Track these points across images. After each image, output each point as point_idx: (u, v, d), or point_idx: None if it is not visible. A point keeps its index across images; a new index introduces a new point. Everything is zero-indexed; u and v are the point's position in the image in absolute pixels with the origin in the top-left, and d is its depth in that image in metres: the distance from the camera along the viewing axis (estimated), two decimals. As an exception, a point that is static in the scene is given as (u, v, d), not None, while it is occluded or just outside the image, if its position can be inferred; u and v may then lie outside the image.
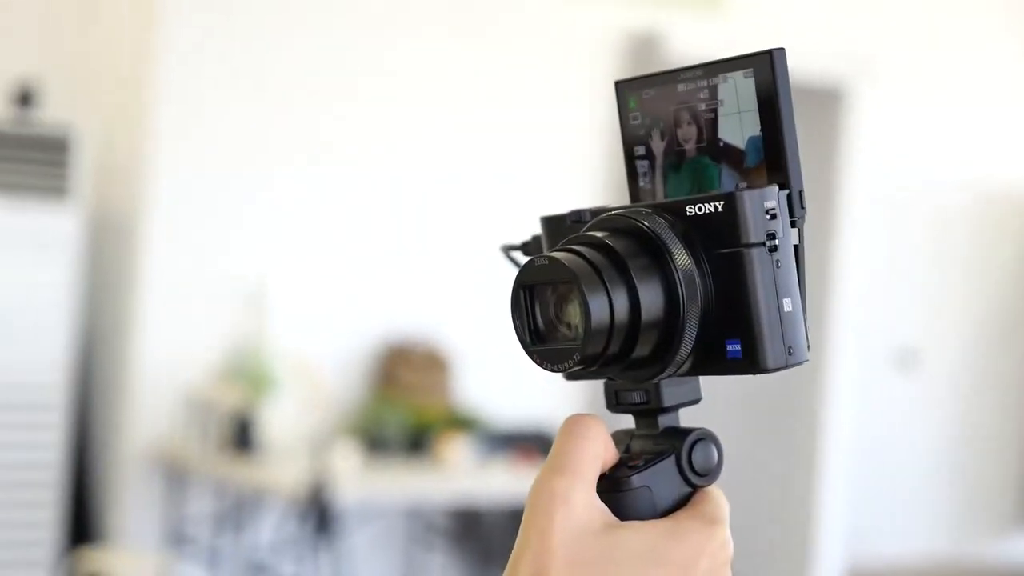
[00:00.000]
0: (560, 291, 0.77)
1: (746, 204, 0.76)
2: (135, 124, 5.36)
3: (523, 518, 0.76)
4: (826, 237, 6.64)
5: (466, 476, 5.29)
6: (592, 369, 0.77)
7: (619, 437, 0.82)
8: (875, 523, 7.00)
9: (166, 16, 5.26)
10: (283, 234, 5.46)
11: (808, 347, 0.78)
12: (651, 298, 0.76)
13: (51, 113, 5.18)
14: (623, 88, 0.84)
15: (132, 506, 5.28)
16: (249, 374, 5.19)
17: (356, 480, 4.94)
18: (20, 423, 4.99)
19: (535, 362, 0.78)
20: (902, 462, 7.10)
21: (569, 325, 0.77)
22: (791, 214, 0.78)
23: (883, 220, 6.92)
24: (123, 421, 5.30)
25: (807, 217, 0.79)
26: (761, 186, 0.77)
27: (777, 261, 0.76)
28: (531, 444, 5.70)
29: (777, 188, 0.77)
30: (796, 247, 0.78)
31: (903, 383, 7.07)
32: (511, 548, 0.77)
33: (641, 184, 0.84)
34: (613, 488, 0.77)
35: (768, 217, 0.76)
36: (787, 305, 0.77)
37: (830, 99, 6.66)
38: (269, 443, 5.11)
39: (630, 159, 0.85)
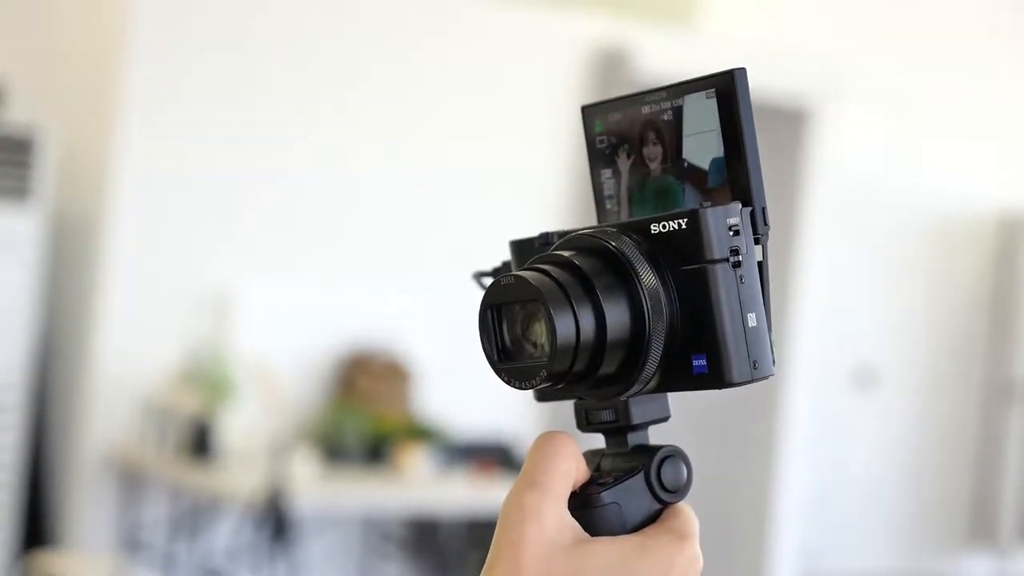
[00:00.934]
0: (527, 310, 0.78)
1: (709, 221, 0.77)
2: (100, 126, 5.34)
3: (495, 533, 0.77)
4: (787, 254, 6.68)
5: (424, 486, 5.29)
6: (559, 387, 0.79)
7: (589, 457, 0.83)
8: (829, 539, 7.04)
9: (132, 17, 5.24)
10: (246, 240, 5.45)
11: (773, 361, 0.80)
12: (617, 316, 0.77)
13: (15, 114, 5.15)
14: (589, 112, 0.85)
15: (87, 510, 5.25)
16: (209, 379, 5.17)
17: (314, 488, 4.94)
18: (-24, 424, 4.96)
19: (503, 380, 0.79)
20: (857, 478, 7.14)
21: (535, 344, 0.78)
22: (755, 231, 0.79)
23: (843, 238, 6.97)
24: (80, 424, 5.27)
25: (770, 234, 0.80)
26: (724, 202, 0.79)
27: (741, 277, 0.78)
28: (490, 456, 5.70)
29: (740, 205, 0.79)
30: (760, 263, 0.79)
31: (860, 400, 7.11)
32: (468, 559, 0.78)
33: (608, 206, 0.85)
34: (583, 505, 0.78)
35: (731, 233, 0.78)
36: (751, 320, 0.78)
37: (794, 118, 6.70)
38: (227, 449, 5.10)
39: (597, 181, 0.86)
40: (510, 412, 6.06)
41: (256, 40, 5.46)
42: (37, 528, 5.28)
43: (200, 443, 5.06)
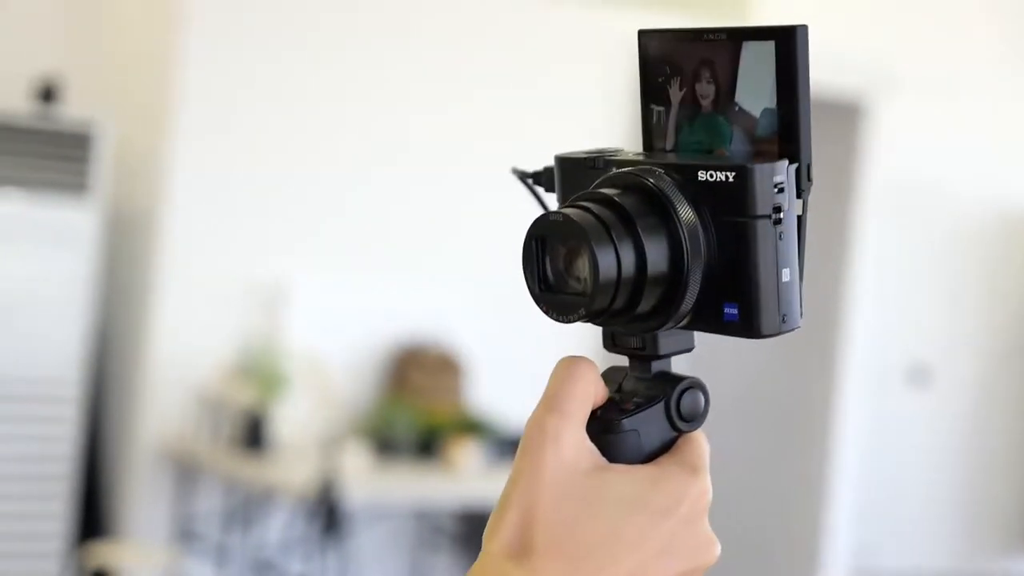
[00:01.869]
0: (570, 245, 0.80)
1: (756, 178, 0.79)
2: (155, 121, 5.40)
3: (516, 455, 0.78)
4: (841, 251, 6.65)
5: (474, 479, 5.31)
6: (598, 321, 0.81)
7: (612, 375, 0.84)
8: (881, 538, 7.00)
9: (188, 14, 5.30)
10: (300, 234, 5.49)
11: (801, 314, 0.81)
12: (657, 254, 0.79)
13: (73, 109, 5.22)
14: (646, 38, 0.86)
15: (142, 501, 5.31)
16: (262, 373, 5.22)
17: (365, 481, 4.97)
18: (34, 416, 5.03)
19: (542, 310, 0.81)
20: (910, 478, 7.11)
21: (578, 278, 0.79)
22: (798, 186, 0.81)
23: (899, 235, 6.93)
24: (136, 416, 5.33)
25: (822, 228, 0.82)
26: (771, 155, 0.81)
27: (780, 233, 0.80)
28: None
29: (787, 162, 0.80)
30: (800, 218, 0.81)
31: (915, 398, 7.08)
32: None
33: (655, 135, 0.86)
34: (603, 430, 0.80)
35: (776, 191, 0.79)
36: (785, 275, 0.80)
37: (849, 113, 6.68)
38: (280, 442, 5.15)
39: (646, 108, 0.87)
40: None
41: (310, 37, 5.50)
42: (93, 519, 5.34)
43: (253, 436, 5.10)
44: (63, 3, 5.55)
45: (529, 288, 0.81)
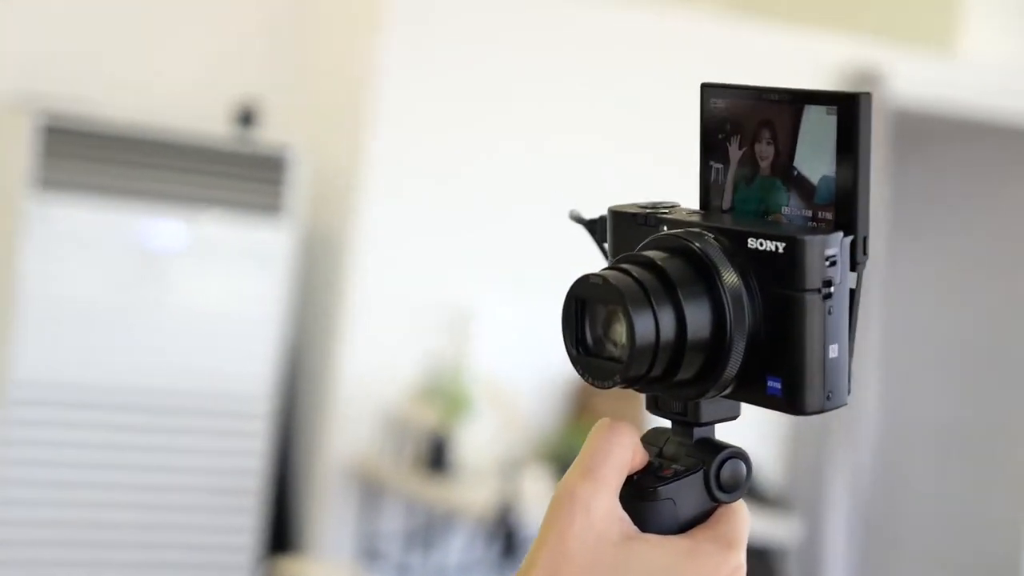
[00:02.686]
0: (609, 309, 0.79)
1: (807, 250, 0.77)
2: (351, 147, 5.50)
3: (544, 518, 0.78)
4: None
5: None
6: (636, 387, 0.79)
7: (654, 437, 0.83)
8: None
9: (385, 42, 5.39)
10: (487, 259, 5.54)
11: (849, 391, 0.79)
12: (698, 320, 0.77)
13: (270, 133, 5.35)
14: (709, 93, 0.85)
15: (329, 518, 5.41)
16: (446, 395, 5.27)
17: (545, 506, 4.97)
18: (227, 431, 5.16)
19: (579, 373, 0.80)
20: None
21: (615, 343, 0.78)
22: (853, 259, 0.78)
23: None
24: (324, 434, 5.43)
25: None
26: (827, 226, 0.78)
27: (830, 308, 0.77)
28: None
29: (841, 235, 0.78)
30: (852, 291, 0.79)
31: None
32: None
33: (712, 193, 0.85)
34: (639, 496, 0.79)
35: (827, 264, 0.77)
36: (833, 352, 0.78)
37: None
38: (462, 464, 5.19)
39: (705, 164, 0.85)
40: (751, 437, 6.00)
41: (502, 64, 5.55)
42: (281, 534, 5.46)
43: (437, 457, 5.16)
44: (264, 30, 5.70)
45: (567, 350, 0.80)
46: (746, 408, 0.84)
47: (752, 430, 5.83)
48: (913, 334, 7.16)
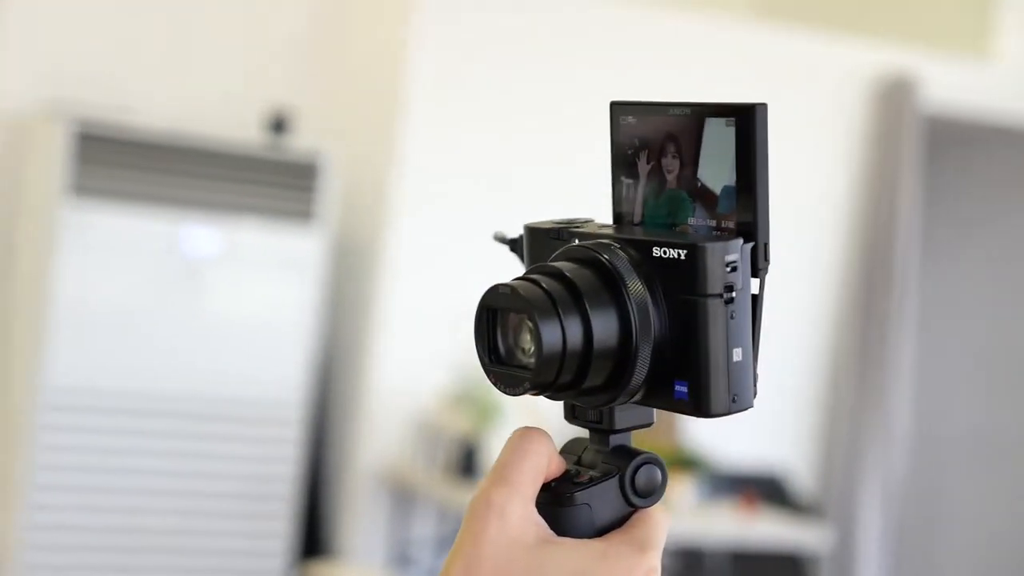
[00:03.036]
0: (519, 317, 0.80)
1: (708, 256, 0.79)
2: (382, 154, 5.52)
3: (461, 526, 0.78)
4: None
5: (690, 517, 5.27)
6: (547, 394, 0.80)
7: (573, 446, 0.85)
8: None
9: (416, 51, 5.41)
10: (517, 268, 5.53)
11: (755, 394, 0.80)
12: (604, 329, 0.79)
13: (303, 140, 5.37)
14: (617, 111, 0.87)
15: (361, 524, 5.42)
16: (477, 402, 5.28)
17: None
18: (259, 437, 5.18)
19: (491, 381, 0.81)
20: None
21: (524, 351, 0.80)
22: (755, 266, 0.80)
23: None
24: (355, 440, 5.45)
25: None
26: (729, 233, 0.80)
27: (732, 312, 0.79)
28: (757, 488, 5.64)
29: (741, 242, 0.80)
30: (755, 297, 0.80)
31: None
32: None
33: (623, 207, 0.86)
34: (555, 502, 0.80)
35: (728, 270, 0.79)
36: (737, 355, 0.79)
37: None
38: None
39: (616, 176, 0.87)
40: (783, 444, 5.99)
41: (534, 70, 5.55)
42: (314, 539, 5.47)
43: (468, 463, 5.17)
44: (296, 38, 5.72)
45: (480, 359, 0.81)
46: (778, 417, 0.85)
47: (784, 437, 5.82)
48: (946, 339, 7.13)
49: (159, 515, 5.05)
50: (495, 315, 0.82)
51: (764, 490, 5.73)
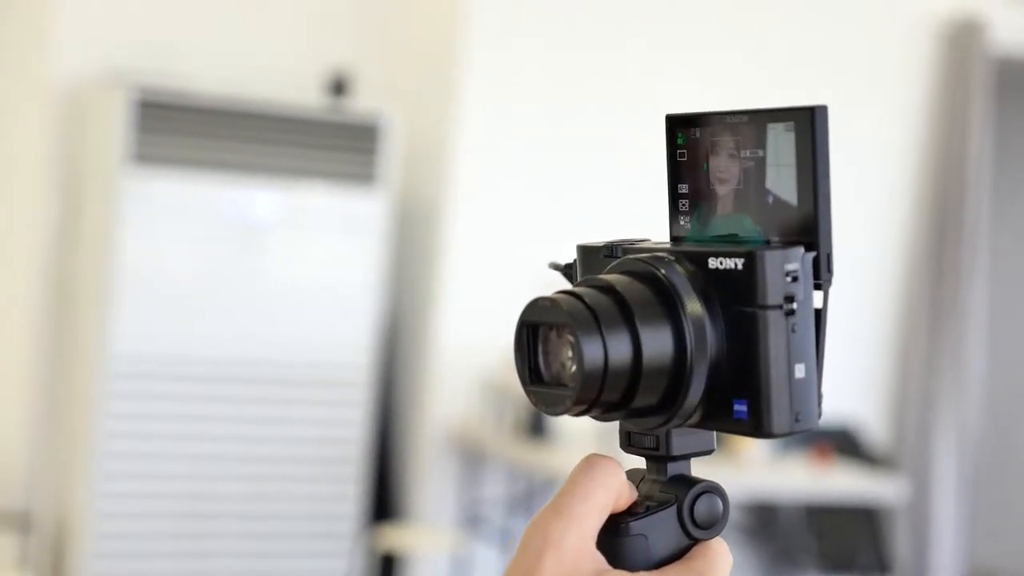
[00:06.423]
0: (561, 334, 0.76)
1: (766, 265, 0.74)
2: (443, 112, 5.48)
3: (515, 552, 0.75)
4: None
5: (762, 471, 5.22)
6: (593, 414, 0.76)
7: (630, 476, 0.80)
8: None
9: (476, 9, 5.35)
10: (583, 222, 5.49)
11: (820, 414, 0.76)
12: (656, 346, 0.75)
13: (363, 101, 5.34)
14: (673, 122, 0.83)
15: (430, 486, 5.41)
16: (545, 360, 5.23)
17: (646, 470, 4.93)
18: (326, 400, 5.17)
19: (532, 402, 0.78)
20: None
21: (566, 368, 0.76)
22: (816, 277, 0.75)
23: None
24: (423, 402, 5.43)
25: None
26: (789, 242, 0.76)
27: (793, 325, 0.74)
28: (830, 441, 5.58)
29: (802, 250, 0.75)
30: (819, 311, 0.76)
31: None
32: (807, 545, 0.75)
33: (681, 220, 0.83)
34: (610, 531, 0.76)
35: (788, 280, 0.74)
36: (799, 371, 0.75)
37: None
38: (561, 429, 5.16)
39: (673, 192, 0.83)
40: (856, 396, 5.92)
41: (596, 18, 5.49)
42: (384, 502, 5.47)
43: (535, 423, 5.14)
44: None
45: (520, 377, 0.78)
46: (850, 369, 0.80)
47: (857, 389, 5.76)
48: (1021, 290, 7.02)
49: (227, 481, 5.06)
50: (536, 330, 0.77)
51: (837, 442, 5.67)
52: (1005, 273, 6.89)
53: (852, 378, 5.93)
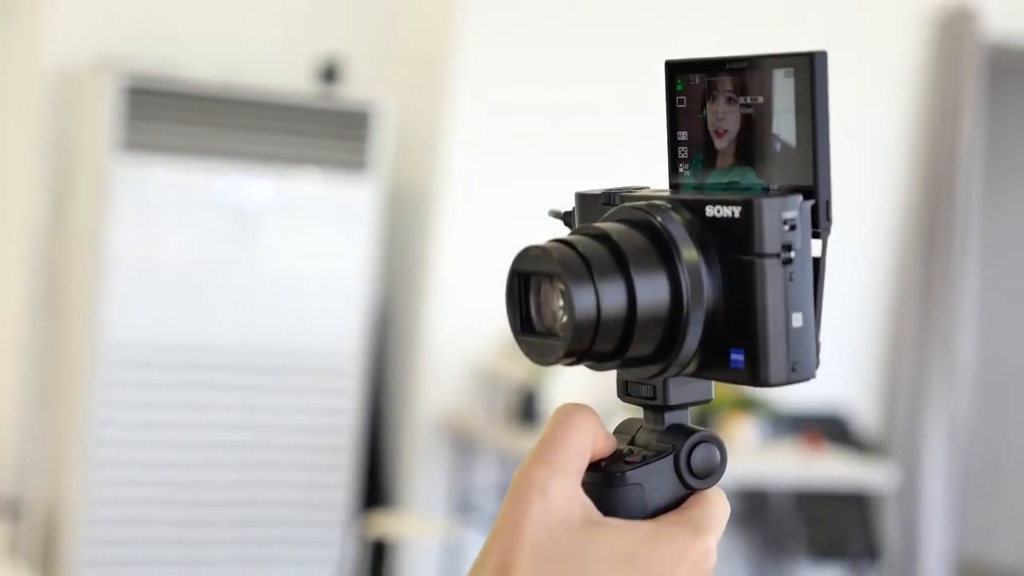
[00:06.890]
0: (552, 282, 0.75)
1: (763, 212, 0.73)
2: (435, 100, 5.48)
3: (501, 507, 0.74)
4: None
5: (751, 457, 5.23)
6: (587, 364, 0.75)
7: (626, 426, 0.80)
8: None
9: (465, -7, 5.35)
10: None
11: (817, 364, 0.75)
12: (651, 295, 0.74)
13: (354, 89, 5.33)
14: (672, 69, 0.82)
15: (421, 473, 5.42)
16: (536, 348, 5.24)
17: (637, 457, 4.94)
18: (318, 388, 5.18)
19: (523, 351, 0.77)
20: None
21: (557, 317, 0.74)
22: (815, 225, 0.75)
23: None
24: (415, 390, 5.44)
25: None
26: (788, 190, 0.75)
27: (791, 274, 0.74)
28: (820, 427, 5.59)
29: (800, 198, 0.74)
30: (818, 260, 0.75)
31: None
32: (797, 531, 0.75)
33: (680, 168, 0.81)
34: (605, 482, 0.75)
35: (786, 228, 0.73)
36: (796, 320, 0.74)
37: None
38: (553, 416, 5.16)
39: (672, 140, 0.82)
40: (846, 383, 5.93)
41: (587, 16, 5.48)
42: (375, 489, 5.48)
43: (527, 410, 5.14)
44: (345, -15, 5.67)
45: (511, 327, 0.77)
46: (841, 355, 0.80)
47: (847, 375, 5.77)
48: (1013, 276, 7.03)
49: (219, 469, 5.06)
50: (527, 279, 0.76)
51: (827, 429, 5.68)
52: (996, 259, 6.90)
53: (843, 364, 5.94)
